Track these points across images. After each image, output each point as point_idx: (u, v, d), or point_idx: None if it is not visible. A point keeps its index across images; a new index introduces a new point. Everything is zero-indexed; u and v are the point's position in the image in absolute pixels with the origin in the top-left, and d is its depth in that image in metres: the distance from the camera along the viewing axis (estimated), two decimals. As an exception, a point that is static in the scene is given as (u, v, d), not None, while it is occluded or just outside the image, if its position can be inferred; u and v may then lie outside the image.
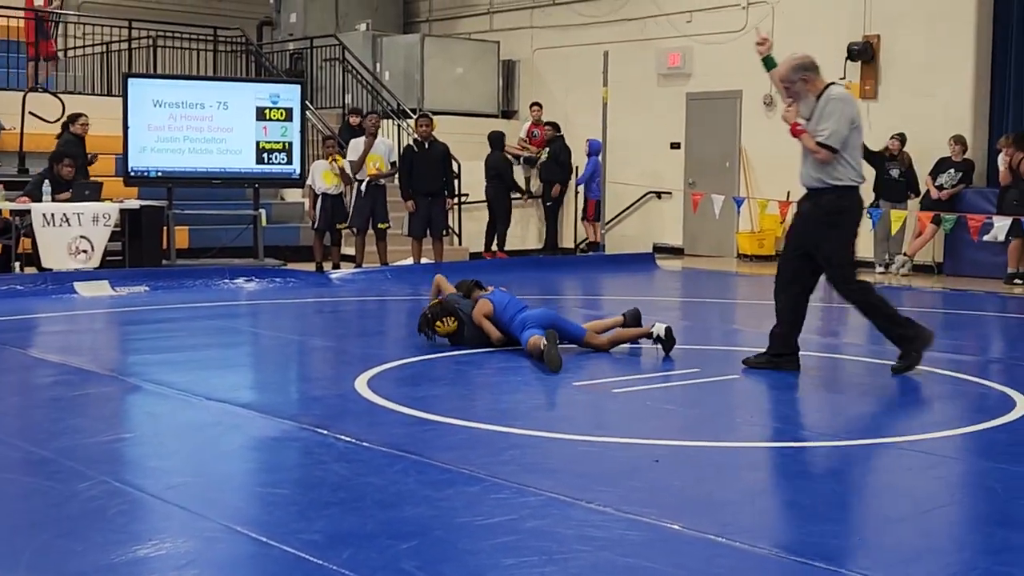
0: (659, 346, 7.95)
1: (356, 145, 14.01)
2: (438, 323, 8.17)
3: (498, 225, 16.48)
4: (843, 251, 7.28)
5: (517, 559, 3.74)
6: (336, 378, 7.29)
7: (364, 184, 13.84)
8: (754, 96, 17.22)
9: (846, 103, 7.17)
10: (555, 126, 17.35)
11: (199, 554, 3.80)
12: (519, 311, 8.04)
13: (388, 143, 14.60)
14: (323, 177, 13.97)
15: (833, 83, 7.36)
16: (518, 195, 16.98)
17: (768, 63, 7.63)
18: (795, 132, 7.23)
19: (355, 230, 14.08)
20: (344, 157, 14.18)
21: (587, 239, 17.86)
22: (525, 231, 17.96)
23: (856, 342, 9.34)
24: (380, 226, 14.00)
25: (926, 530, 4.23)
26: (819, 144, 7.06)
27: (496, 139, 16.57)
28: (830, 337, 9.59)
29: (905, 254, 14.92)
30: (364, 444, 5.29)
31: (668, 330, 7.97)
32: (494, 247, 16.54)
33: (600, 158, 16.78)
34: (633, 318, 8.33)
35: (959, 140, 14.57)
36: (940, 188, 14.55)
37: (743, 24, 17.27)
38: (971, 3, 14.98)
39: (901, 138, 14.92)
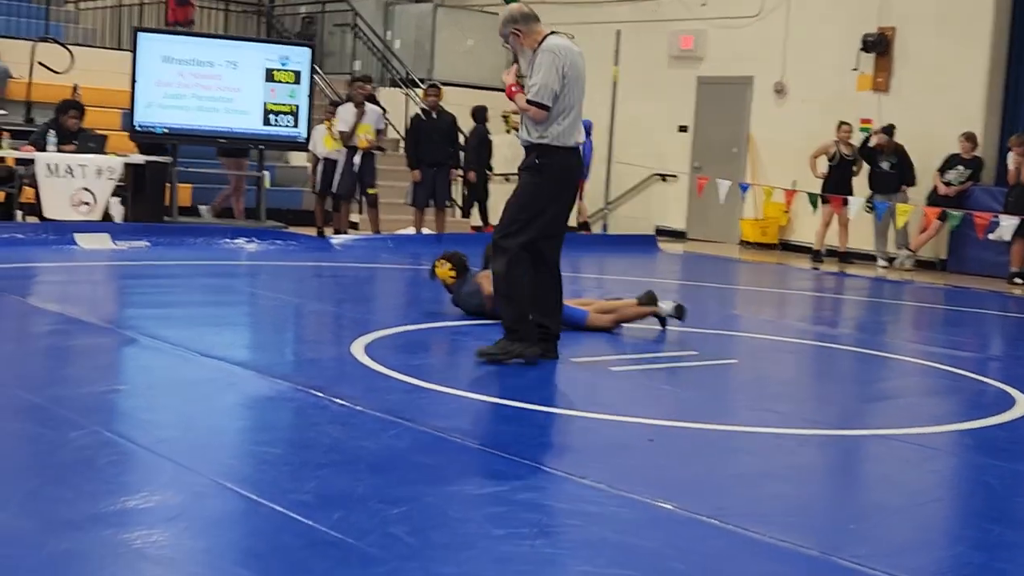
0: (666, 323, 7.82)
1: (344, 114, 13.75)
2: (439, 261, 8.10)
3: (478, 200, 16.01)
4: (526, 209, 6.48)
5: (507, 530, 3.71)
6: (333, 342, 7.26)
7: (357, 155, 13.62)
8: (765, 83, 17.16)
9: (558, 54, 6.38)
10: None
11: (188, 507, 3.77)
12: None
13: (377, 110, 14.22)
14: (324, 142, 13.89)
15: (553, 32, 6.54)
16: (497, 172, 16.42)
17: None
18: (509, 94, 6.58)
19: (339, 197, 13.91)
20: None
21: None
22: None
23: (853, 333, 9.31)
24: (369, 191, 13.84)
25: (921, 522, 4.20)
26: (528, 102, 6.39)
27: (478, 113, 15.99)
28: (827, 327, 9.56)
29: (909, 248, 14.88)
30: (359, 408, 5.25)
31: (679, 307, 7.87)
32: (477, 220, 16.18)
33: (592, 139, 16.65)
34: (649, 300, 8.05)
35: (969, 137, 14.50)
36: (948, 184, 14.50)
37: (757, 10, 17.19)
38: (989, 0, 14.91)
39: (888, 130, 14.85)
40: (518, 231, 6.47)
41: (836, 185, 15.08)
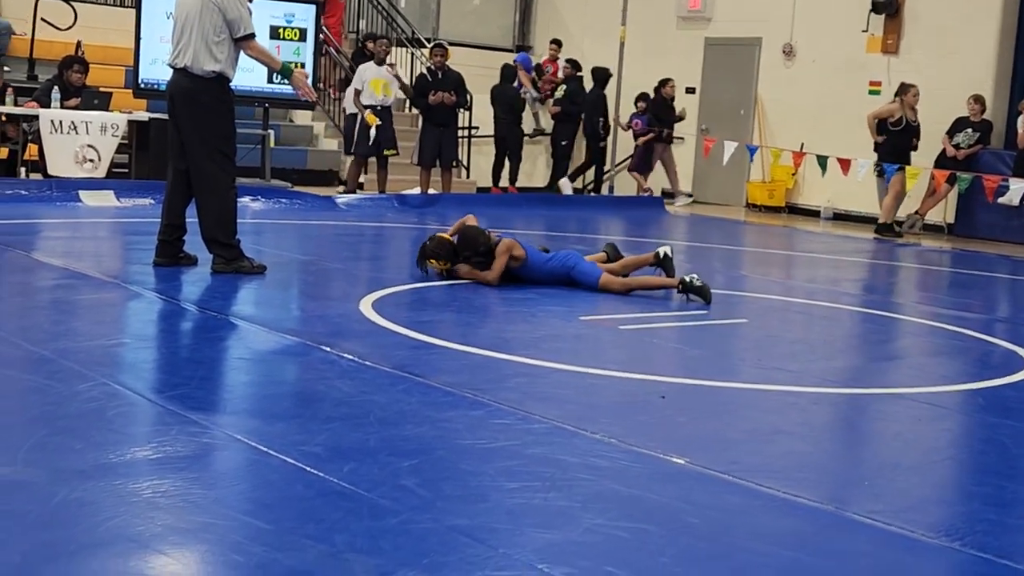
0: (689, 295, 7.61)
1: (363, 72, 13.67)
2: (432, 260, 7.99)
3: (511, 160, 15.81)
4: None
5: (520, 483, 3.68)
6: (341, 298, 7.22)
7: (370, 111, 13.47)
8: (774, 44, 17.03)
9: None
10: (575, 65, 16.95)
11: (197, 459, 3.74)
12: (560, 256, 7.91)
13: (390, 73, 13.84)
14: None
15: None
16: (530, 132, 16.41)
17: None
18: None
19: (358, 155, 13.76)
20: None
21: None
22: (533, 168, 17.79)
23: (861, 295, 9.27)
24: (386, 152, 13.69)
25: (934, 479, 4.17)
26: None
27: (509, 73, 16.22)
28: (834, 289, 9.52)
29: (917, 213, 14.79)
30: (367, 363, 5.22)
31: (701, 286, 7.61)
32: (504, 183, 16.11)
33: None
34: (615, 251, 8.34)
35: (978, 99, 14.38)
36: (956, 147, 14.39)
37: (767, -30, 17.02)
38: (1000, -39, 14.77)
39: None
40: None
41: (895, 152, 14.26)
